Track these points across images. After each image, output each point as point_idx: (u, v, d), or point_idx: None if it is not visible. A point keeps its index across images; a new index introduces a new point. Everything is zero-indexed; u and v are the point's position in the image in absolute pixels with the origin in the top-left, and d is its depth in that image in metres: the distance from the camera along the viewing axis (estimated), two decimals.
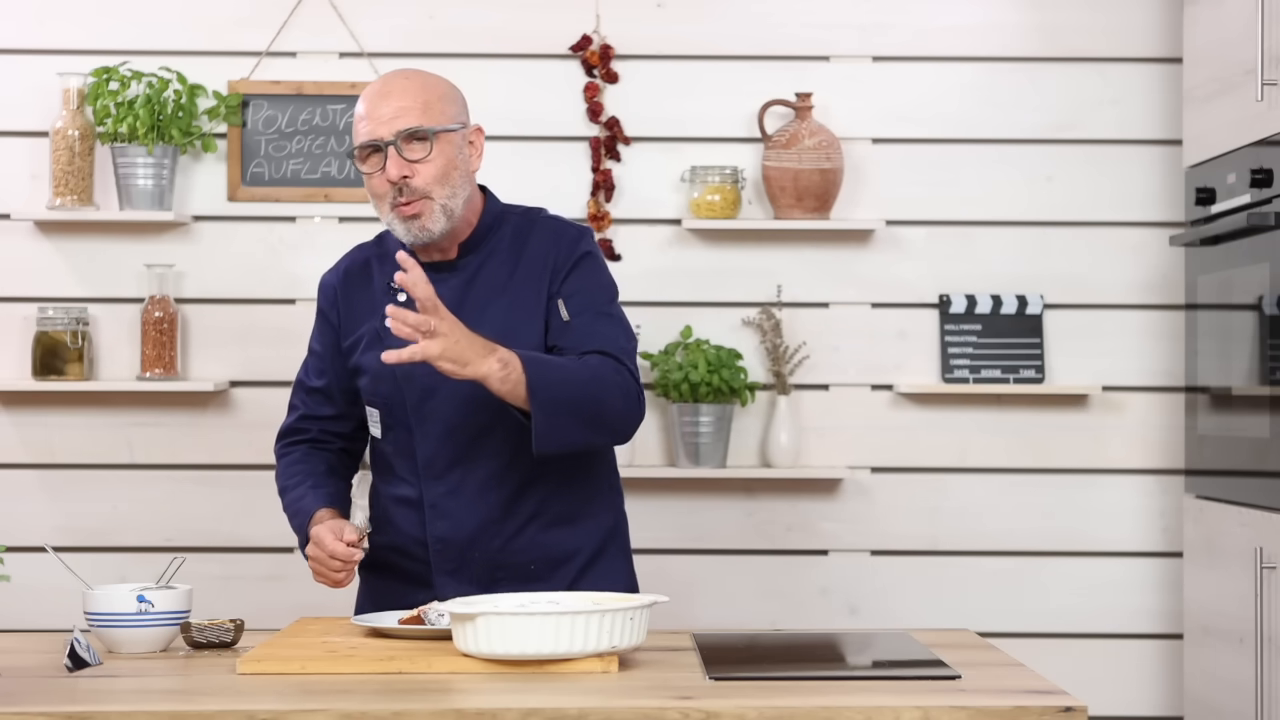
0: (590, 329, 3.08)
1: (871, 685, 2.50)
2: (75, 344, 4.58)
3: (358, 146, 3.06)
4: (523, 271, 3.12)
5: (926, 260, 4.72)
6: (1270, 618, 3.92)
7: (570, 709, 2.31)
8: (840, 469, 4.68)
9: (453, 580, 3.09)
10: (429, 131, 3.04)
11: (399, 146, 3.03)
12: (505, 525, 3.11)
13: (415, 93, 3.06)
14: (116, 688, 2.52)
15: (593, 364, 3.00)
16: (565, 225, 3.20)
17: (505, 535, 3.11)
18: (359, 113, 3.08)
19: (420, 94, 3.06)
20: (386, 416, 3.14)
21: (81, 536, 4.64)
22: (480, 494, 3.10)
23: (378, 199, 3.08)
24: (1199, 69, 4.44)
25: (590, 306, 3.10)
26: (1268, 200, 3.99)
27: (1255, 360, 4.08)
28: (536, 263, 3.13)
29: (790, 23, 4.72)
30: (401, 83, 3.08)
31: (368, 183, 3.08)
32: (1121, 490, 4.73)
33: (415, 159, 3.03)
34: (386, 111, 3.04)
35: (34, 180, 4.66)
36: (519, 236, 3.15)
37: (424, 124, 3.04)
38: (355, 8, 4.68)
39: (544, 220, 3.20)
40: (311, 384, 3.27)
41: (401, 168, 3.02)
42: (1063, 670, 4.44)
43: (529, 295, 3.10)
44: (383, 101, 3.05)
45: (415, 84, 3.08)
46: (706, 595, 4.68)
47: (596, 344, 3.05)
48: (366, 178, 3.08)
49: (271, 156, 4.69)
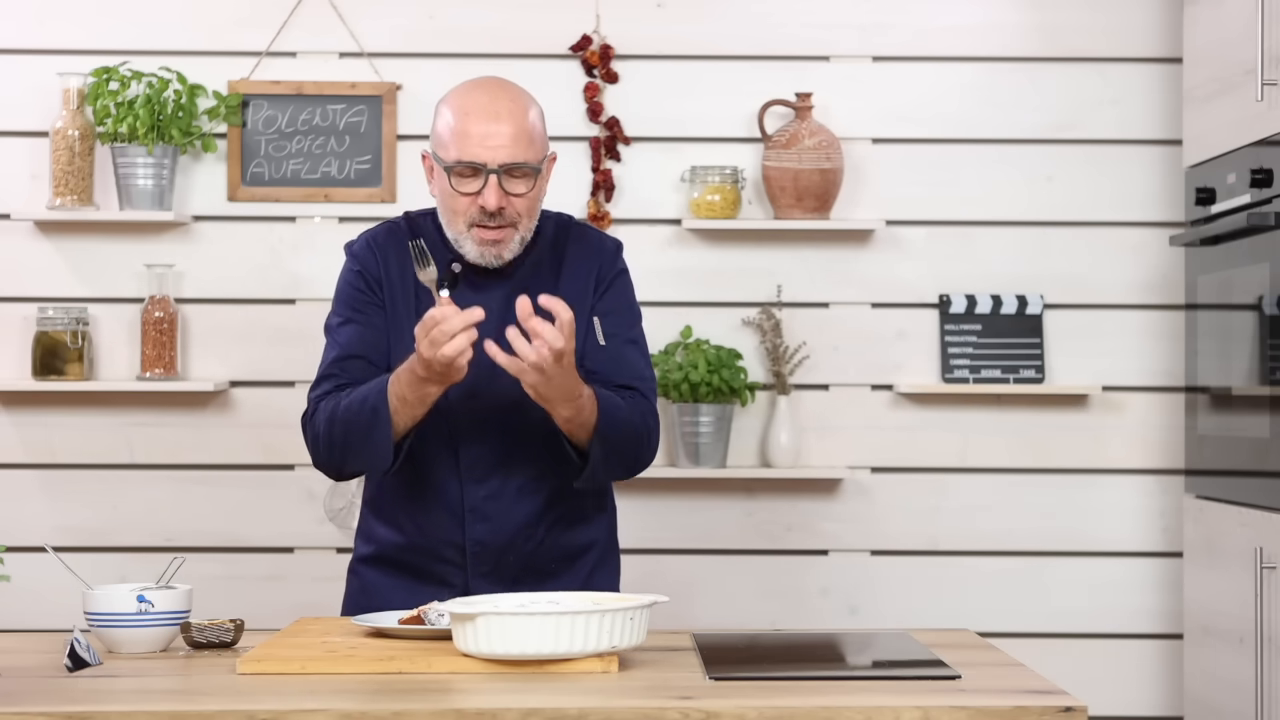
0: (621, 356, 3.12)
1: (871, 685, 2.50)
2: (75, 344, 4.58)
3: (454, 164, 3.00)
4: (566, 283, 3.12)
5: (926, 260, 4.72)
6: (1270, 618, 3.92)
7: (570, 709, 2.31)
8: (840, 469, 4.68)
9: (486, 582, 3.09)
10: (534, 169, 3.02)
11: (501, 175, 2.99)
12: (538, 530, 3.12)
13: (522, 119, 3.02)
14: (116, 688, 2.52)
15: (641, 410, 3.07)
16: (602, 237, 3.22)
17: (538, 539, 3.12)
18: (459, 126, 3.01)
19: (526, 115, 3.03)
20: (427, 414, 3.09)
21: (81, 536, 4.64)
22: (519, 498, 3.11)
23: (453, 214, 3.03)
24: (1199, 69, 4.44)
25: (621, 330, 3.15)
26: (1268, 200, 3.99)
27: (1255, 360, 4.08)
28: (580, 275, 3.14)
29: (790, 23, 4.72)
30: (509, 104, 3.03)
31: (447, 195, 3.03)
32: (1121, 490, 4.73)
33: (515, 192, 3.01)
34: (496, 137, 2.99)
35: (34, 180, 4.66)
36: (557, 245, 3.14)
37: (530, 160, 3.01)
38: (355, 8, 4.69)
39: (578, 229, 3.20)
40: (358, 352, 3.10)
41: (501, 198, 2.99)
42: (1063, 670, 4.44)
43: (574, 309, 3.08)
44: (493, 124, 3.00)
45: (520, 107, 3.03)
46: (706, 595, 4.68)
47: (628, 375, 3.11)
48: (445, 189, 3.03)
49: (271, 156, 4.69)
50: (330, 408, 3.04)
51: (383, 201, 4.67)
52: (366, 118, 4.69)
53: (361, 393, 3.00)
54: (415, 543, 3.15)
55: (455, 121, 3.02)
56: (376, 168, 4.69)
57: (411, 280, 3.11)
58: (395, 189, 4.68)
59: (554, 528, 3.15)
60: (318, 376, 3.13)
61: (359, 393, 3.01)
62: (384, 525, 3.19)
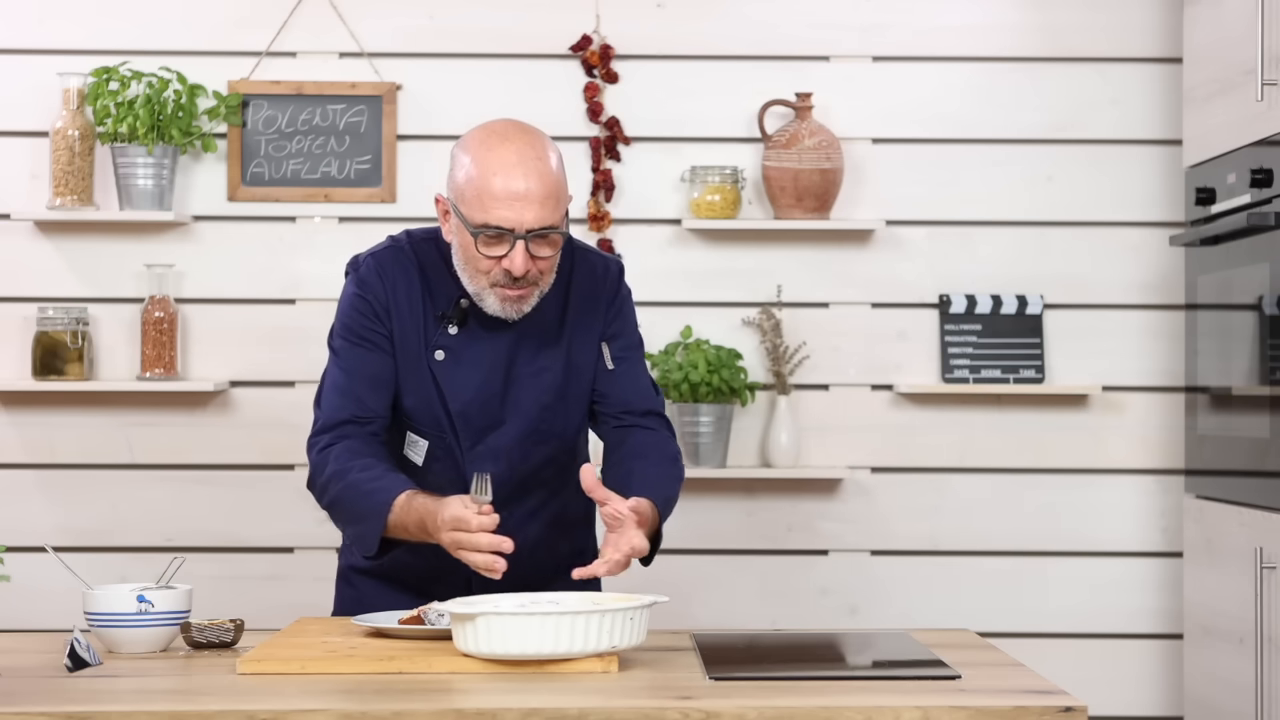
0: (632, 379, 3.15)
1: (871, 685, 2.50)
2: (75, 344, 4.58)
3: (480, 227, 2.92)
4: (573, 316, 3.11)
5: (926, 260, 4.72)
6: (1270, 618, 3.92)
7: (570, 709, 2.31)
8: (840, 469, 4.68)
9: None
10: (561, 233, 2.97)
11: (528, 241, 2.93)
12: (539, 550, 3.12)
13: (549, 178, 2.93)
14: (116, 688, 2.52)
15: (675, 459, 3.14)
16: (606, 261, 3.20)
17: (539, 559, 3.11)
18: (484, 184, 2.92)
19: (554, 184, 2.94)
20: (436, 447, 3.09)
21: (81, 536, 4.64)
22: (526, 522, 3.11)
23: (475, 272, 2.97)
24: (1199, 69, 4.44)
25: (628, 352, 3.17)
26: (1268, 200, 3.99)
27: (1255, 360, 4.08)
28: (586, 305, 3.13)
29: (790, 23, 4.72)
30: (536, 163, 2.93)
31: (469, 253, 2.96)
32: (1121, 490, 4.73)
33: (542, 255, 2.96)
34: (524, 202, 2.91)
35: (34, 180, 4.66)
36: (562, 273, 3.09)
37: (558, 224, 2.95)
38: (355, 8, 4.68)
39: (580, 253, 3.16)
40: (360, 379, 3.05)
41: (527, 263, 2.93)
42: (1063, 670, 4.44)
43: (581, 334, 3.11)
44: (520, 185, 2.91)
45: (547, 165, 2.94)
46: (706, 595, 4.68)
47: (642, 401, 3.15)
48: (468, 246, 2.96)
49: (271, 156, 4.69)
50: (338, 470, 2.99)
51: (382, 201, 4.67)
52: (366, 118, 4.69)
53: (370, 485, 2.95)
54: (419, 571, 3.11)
55: (480, 179, 2.93)
56: (376, 168, 4.69)
57: (420, 308, 3.07)
58: (395, 189, 4.68)
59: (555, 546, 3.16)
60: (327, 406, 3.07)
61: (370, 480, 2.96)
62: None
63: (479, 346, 3.07)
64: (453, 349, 3.07)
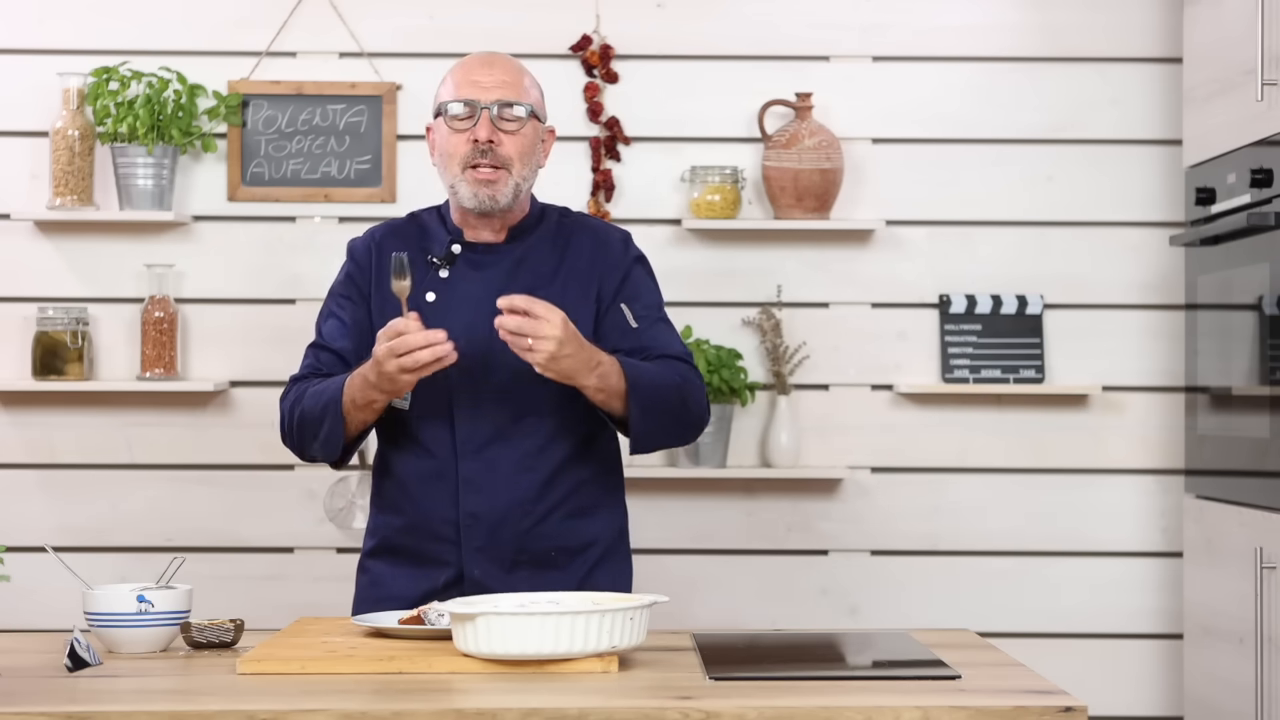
0: (655, 334, 3.20)
1: (871, 685, 2.50)
2: (75, 344, 4.58)
3: (451, 102, 3.13)
4: (568, 270, 3.19)
5: (926, 260, 4.72)
6: (1270, 618, 3.92)
7: (570, 709, 2.31)
8: (840, 469, 4.68)
9: (479, 557, 3.10)
10: (525, 108, 3.14)
11: (494, 113, 3.11)
12: (536, 507, 3.13)
13: (517, 71, 3.18)
14: (116, 688, 2.52)
15: (679, 368, 3.15)
16: (609, 227, 3.29)
17: (535, 518, 3.13)
18: (456, 75, 3.15)
19: (521, 73, 3.18)
20: (422, 387, 3.09)
21: (81, 536, 4.64)
22: (516, 473, 3.12)
23: (449, 158, 3.14)
24: (1199, 69, 4.44)
25: (651, 311, 3.23)
26: (1268, 200, 3.99)
27: (1255, 360, 4.08)
28: (582, 267, 3.20)
29: (790, 23, 4.72)
30: (504, 59, 3.20)
31: (445, 141, 3.14)
32: (1121, 490, 4.73)
33: (507, 130, 3.12)
34: (489, 79, 3.14)
35: (34, 180, 4.66)
36: (561, 234, 3.22)
37: (523, 101, 3.14)
38: (355, 8, 4.69)
39: (583, 221, 3.28)
40: (333, 345, 3.22)
41: (492, 131, 3.11)
42: (1063, 670, 4.44)
43: (575, 294, 3.16)
44: (486, 69, 3.15)
45: (516, 64, 3.20)
46: (706, 595, 4.68)
47: (663, 349, 3.18)
48: (444, 136, 3.14)
49: (271, 156, 4.69)
50: (297, 394, 3.17)
51: (382, 201, 4.67)
52: (366, 118, 4.69)
53: (321, 387, 3.12)
54: (414, 523, 3.16)
55: (451, 74, 3.18)
56: (376, 168, 4.69)
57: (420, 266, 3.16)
58: (395, 189, 4.68)
59: (554, 512, 3.15)
60: (301, 366, 3.26)
61: (321, 386, 3.13)
62: (387, 513, 3.21)
63: (468, 287, 3.15)
64: (442, 291, 3.16)
